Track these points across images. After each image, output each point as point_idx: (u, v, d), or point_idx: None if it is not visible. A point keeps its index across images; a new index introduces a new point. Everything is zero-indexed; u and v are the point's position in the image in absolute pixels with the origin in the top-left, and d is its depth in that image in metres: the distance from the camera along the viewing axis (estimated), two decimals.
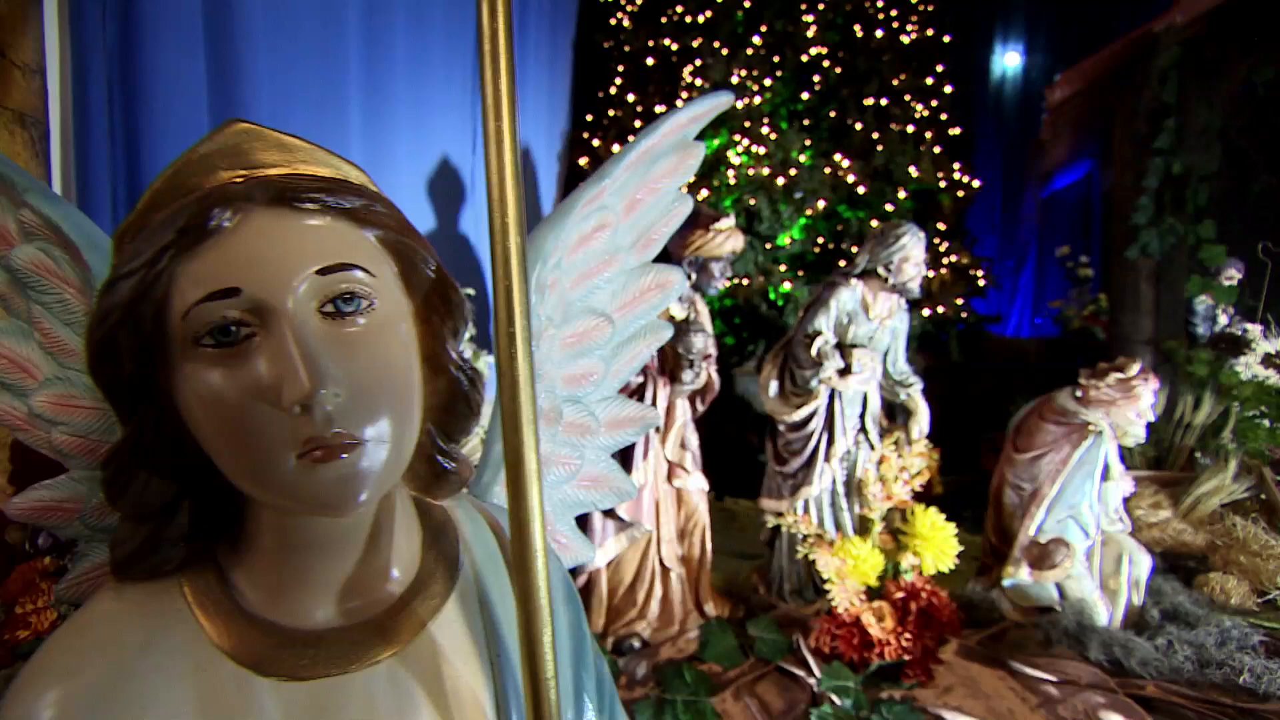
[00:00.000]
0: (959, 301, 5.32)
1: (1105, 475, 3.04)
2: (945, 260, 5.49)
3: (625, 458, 2.69)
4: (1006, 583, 3.11)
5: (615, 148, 5.89)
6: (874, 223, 5.04)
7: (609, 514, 2.75)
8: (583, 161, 6.11)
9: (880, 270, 2.97)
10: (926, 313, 5.16)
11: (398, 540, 0.63)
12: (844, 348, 3.02)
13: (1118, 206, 4.42)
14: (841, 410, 3.02)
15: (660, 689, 2.60)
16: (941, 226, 5.69)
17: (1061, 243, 7.64)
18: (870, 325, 3.04)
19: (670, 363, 2.78)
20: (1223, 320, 6.12)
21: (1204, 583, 3.52)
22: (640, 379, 2.68)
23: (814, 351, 2.89)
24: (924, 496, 5.09)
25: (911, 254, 2.93)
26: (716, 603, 3.09)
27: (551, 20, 5.11)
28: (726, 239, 2.71)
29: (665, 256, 3.01)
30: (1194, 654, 2.73)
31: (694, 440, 3.04)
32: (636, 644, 2.83)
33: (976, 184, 5.56)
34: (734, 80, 5.10)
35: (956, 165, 5.47)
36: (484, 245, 3.95)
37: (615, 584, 2.92)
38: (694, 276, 2.77)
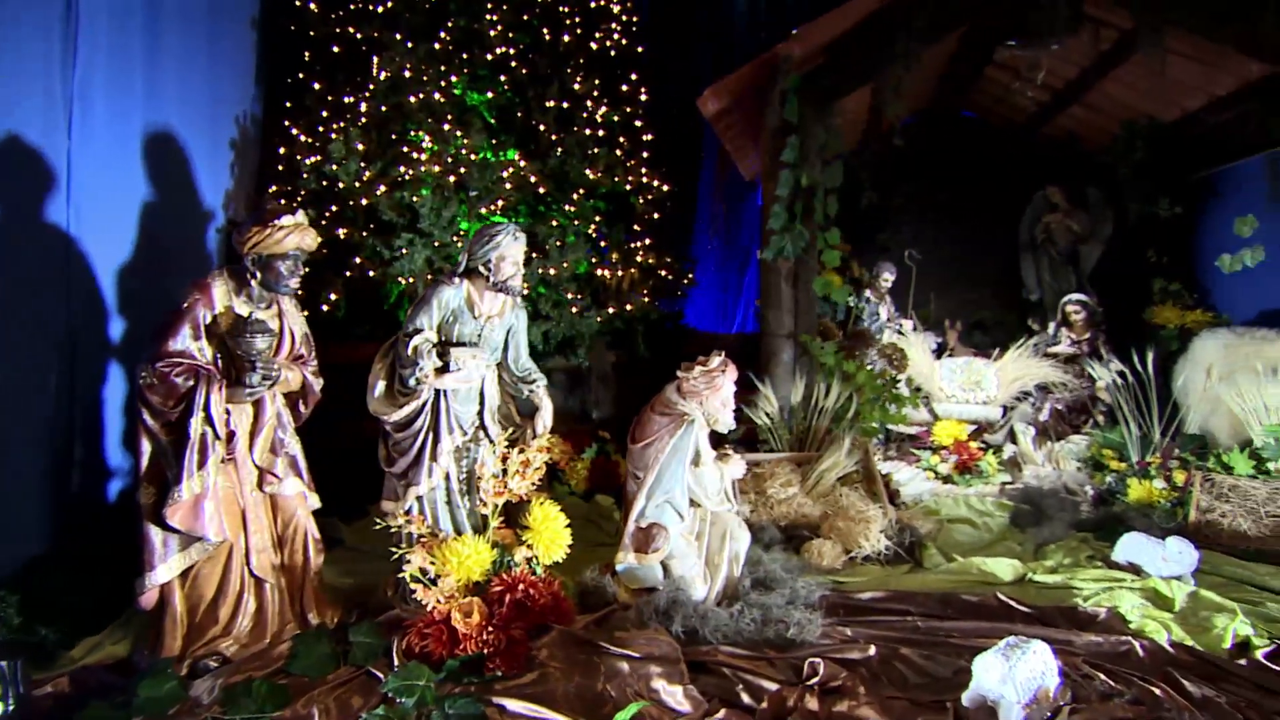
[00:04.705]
0: (646, 299, 5.61)
1: (696, 461, 3.30)
2: (638, 260, 5.77)
3: (179, 462, 2.50)
4: (618, 567, 3.30)
5: (304, 139, 5.58)
6: (553, 223, 5.18)
7: (167, 528, 2.55)
8: (281, 150, 5.73)
9: (481, 269, 3.02)
10: (611, 310, 5.39)
11: None
12: (451, 346, 3.03)
13: (763, 213, 4.88)
14: (448, 408, 3.03)
15: (223, 709, 2.46)
16: (637, 228, 5.99)
17: None
18: (476, 323, 3.08)
19: (237, 365, 2.64)
20: (883, 316, 7.02)
21: (808, 549, 3.98)
22: (190, 382, 2.50)
23: (410, 349, 2.88)
24: (611, 486, 5.34)
25: (508, 253, 3.00)
26: (321, 610, 2.99)
27: None
28: (288, 235, 2.60)
29: (238, 257, 2.86)
30: (760, 616, 3.04)
31: (293, 445, 2.91)
32: (215, 663, 2.66)
33: (666, 188, 5.91)
34: (407, 74, 4.99)
35: (644, 170, 5.77)
36: (85, 239, 3.54)
37: (195, 601, 2.72)
38: (259, 275, 2.65)
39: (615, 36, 6.00)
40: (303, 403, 2.99)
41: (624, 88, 5.97)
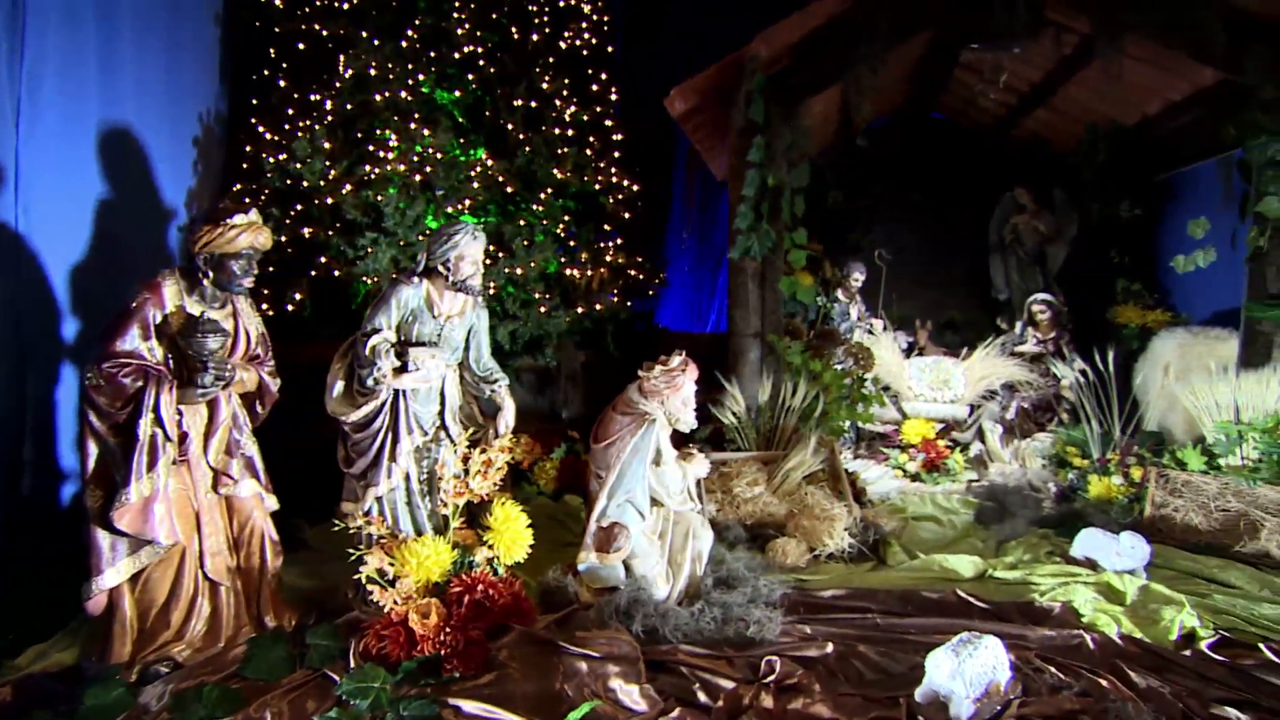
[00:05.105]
0: (615, 299, 5.60)
1: (657, 460, 3.31)
2: (608, 260, 5.77)
3: (127, 465, 2.46)
4: (580, 567, 3.29)
5: (270, 137, 5.51)
6: (521, 222, 5.17)
7: (115, 531, 2.51)
8: (247, 148, 5.65)
9: (440, 268, 3.00)
10: (580, 310, 5.39)
11: None
12: (410, 345, 3.01)
13: (731, 212, 4.90)
14: (407, 408, 3.01)
15: (173, 715, 2.42)
16: (608, 228, 5.99)
17: None
18: (436, 323, 3.06)
19: (189, 366, 2.60)
20: (854, 315, 7.07)
21: (773, 548, 3.99)
22: (139, 383, 2.46)
23: (367, 349, 2.85)
24: (580, 486, 5.32)
25: (466, 252, 2.99)
26: (279, 613, 2.96)
27: None
28: (240, 234, 2.58)
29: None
30: (720, 614, 3.04)
31: (249, 446, 2.88)
32: (166, 669, 2.62)
33: (636, 188, 5.91)
34: (373, 72, 4.95)
35: (615, 170, 5.77)
36: (34, 234, 3.47)
37: (146, 606, 2.68)
38: (211, 275, 2.62)
39: (585, 35, 5.99)
40: (260, 403, 2.95)
41: (594, 87, 5.97)
